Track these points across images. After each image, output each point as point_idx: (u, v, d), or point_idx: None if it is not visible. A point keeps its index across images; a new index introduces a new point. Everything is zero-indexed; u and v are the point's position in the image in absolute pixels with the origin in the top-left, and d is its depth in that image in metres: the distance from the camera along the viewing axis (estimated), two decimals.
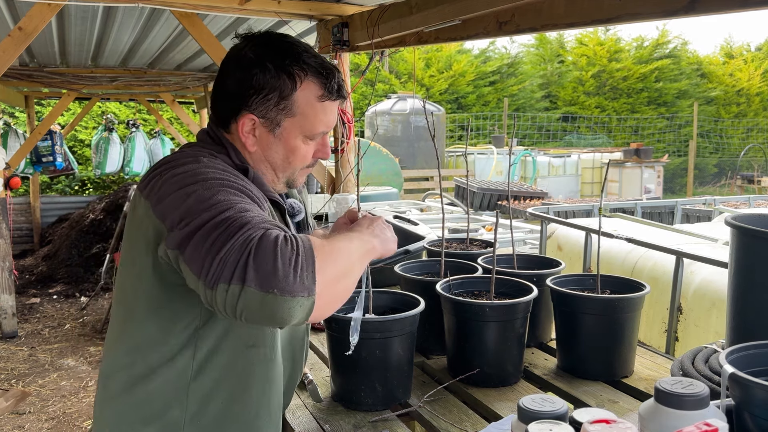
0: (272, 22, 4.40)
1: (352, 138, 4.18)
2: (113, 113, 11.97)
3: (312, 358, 1.96)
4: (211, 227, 1.06)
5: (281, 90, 1.28)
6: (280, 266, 1.00)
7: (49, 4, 3.47)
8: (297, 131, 1.31)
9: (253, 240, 1.02)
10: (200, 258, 1.04)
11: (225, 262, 1.01)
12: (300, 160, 1.35)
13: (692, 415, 1.01)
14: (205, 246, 1.04)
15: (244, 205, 1.12)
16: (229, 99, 1.31)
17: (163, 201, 1.17)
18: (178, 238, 1.09)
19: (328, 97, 1.31)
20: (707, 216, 6.13)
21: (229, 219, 1.07)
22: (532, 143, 17.56)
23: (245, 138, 1.31)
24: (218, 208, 1.09)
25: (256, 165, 1.34)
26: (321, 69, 1.31)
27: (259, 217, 1.10)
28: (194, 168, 1.19)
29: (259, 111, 1.29)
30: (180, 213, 1.12)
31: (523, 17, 2.59)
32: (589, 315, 1.72)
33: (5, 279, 5.68)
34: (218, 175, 1.18)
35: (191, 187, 1.15)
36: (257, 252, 1.01)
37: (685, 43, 20.67)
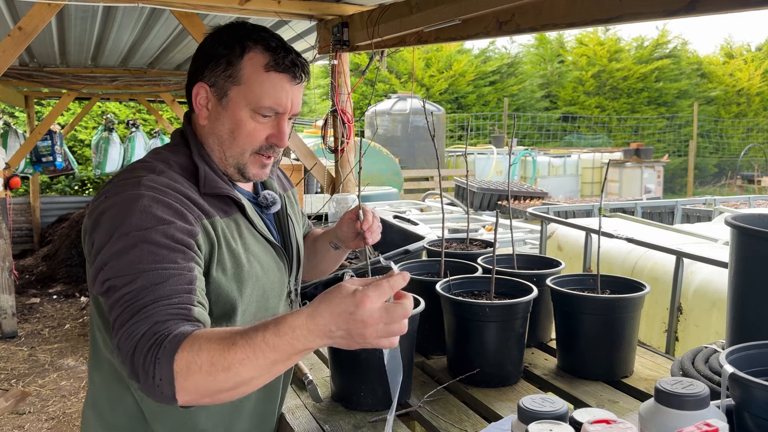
0: (272, 22, 4.40)
1: (352, 138, 4.18)
2: (113, 113, 11.97)
3: (312, 358, 1.96)
4: (117, 299, 1.11)
5: (229, 57, 1.29)
6: (141, 373, 1.04)
7: (49, 4, 3.47)
8: (242, 101, 1.30)
9: (135, 337, 1.06)
10: (111, 325, 1.12)
11: (119, 346, 1.08)
12: (246, 137, 1.32)
13: (692, 415, 1.01)
14: (113, 316, 1.11)
15: (155, 272, 1.12)
16: (190, 75, 1.35)
17: (95, 239, 1.20)
18: (98, 290, 1.16)
19: (275, 68, 1.29)
20: (707, 216, 6.13)
21: (130, 299, 1.10)
22: (532, 143, 17.56)
23: (199, 110, 1.33)
24: (127, 277, 1.12)
25: (205, 140, 1.35)
26: (273, 44, 1.31)
27: (161, 295, 1.10)
28: (129, 204, 1.19)
29: (209, 78, 1.31)
30: (100, 263, 1.15)
31: (523, 17, 2.59)
32: (589, 315, 1.72)
33: (5, 279, 5.68)
34: (145, 221, 1.16)
35: (116, 234, 1.16)
36: (134, 353, 1.05)
37: (685, 43, 20.69)
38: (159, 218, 1.18)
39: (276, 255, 1.43)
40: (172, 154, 1.33)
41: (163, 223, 1.17)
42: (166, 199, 1.21)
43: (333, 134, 4.22)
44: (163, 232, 1.17)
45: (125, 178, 1.25)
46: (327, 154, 4.37)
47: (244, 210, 1.36)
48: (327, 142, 4.20)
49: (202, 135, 1.36)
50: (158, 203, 1.20)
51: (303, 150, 4.44)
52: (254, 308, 1.36)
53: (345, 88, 4.13)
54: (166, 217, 1.19)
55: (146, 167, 1.27)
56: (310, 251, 1.71)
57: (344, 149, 4.19)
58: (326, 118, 4.20)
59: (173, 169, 1.29)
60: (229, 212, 1.33)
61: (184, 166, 1.31)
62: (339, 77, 4.07)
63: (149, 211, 1.18)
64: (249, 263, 1.33)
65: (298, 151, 4.43)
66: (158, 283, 1.12)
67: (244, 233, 1.35)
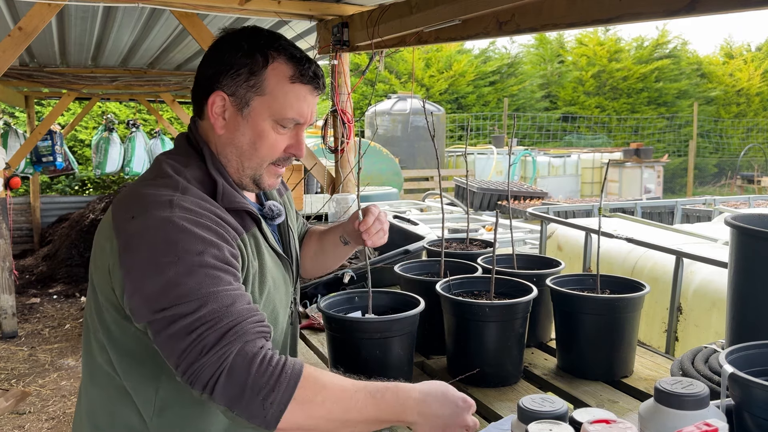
0: (272, 22, 4.40)
1: (352, 138, 4.18)
2: (113, 113, 11.97)
3: (312, 358, 1.96)
4: (188, 326, 1.08)
5: (251, 66, 1.26)
6: (247, 392, 1.04)
7: (49, 4, 3.47)
8: (266, 113, 1.27)
9: (228, 357, 1.06)
10: (175, 356, 1.09)
11: (198, 374, 1.06)
12: (267, 149, 1.29)
13: (692, 415, 1.01)
14: (180, 346, 1.08)
15: (222, 294, 1.11)
16: (203, 81, 1.30)
17: (132, 264, 1.14)
18: (149, 319, 1.11)
19: (300, 79, 1.27)
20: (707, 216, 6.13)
21: (206, 322, 1.08)
22: (532, 143, 17.56)
23: (215, 119, 1.28)
24: (194, 302, 1.09)
25: (222, 151, 1.30)
26: (296, 53, 1.29)
27: (239, 314, 1.10)
28: (167, 227, 1.14)
29: (228, 87, 1.26)
30: (151, 290, 1.11)
31: (523, 17, 2.59)
32: (589, 315, 1.72)
33: (5, 279, 5.68)
34: (193, 245, 1.13)
35: (164, 260, 1.11)
36: (230, 373, 1.05)
37: (685, 43, 20.69)
38: (206, 240, 1.15)
39: (283, 267, 1.41)
40: (187, 168, 1.27)
41: (211, 246, 1.15)
42: (204, 221, 1.18)
43: (333, 134, 4.22)
44: (214, 255, 1.14)
45: (153, 199, 1.19)
46: (327, 154, 4.37)
47: (260, 224, 1.33)
48: (327, 142, 4.20)
49: (217, 144, 1.31)
50: (198, 226, 1.16)
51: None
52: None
53: (345, 88, 4.13)
54: (212, 239, 1.16)
55: (169, 184, 1.22)
56: (316, 248, 1.70)
57: (344, 149, 4.19)
58: (326, 118, 4.20)
59: (192, 184, 1.24)
60: (247, 227, 1.30)
61: (200, 179, 1.27)
62: (339, 77, 4.07)
63: (194, 233, 1.14)
64: (262, 282, 1.31)
65: None
66: (230, 305, 1.11)
67: (261, 248, 1.33)
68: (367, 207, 1.56)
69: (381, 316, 1.60)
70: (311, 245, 1.71)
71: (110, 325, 1.24)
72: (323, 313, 1.61)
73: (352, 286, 2.34)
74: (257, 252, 1.31)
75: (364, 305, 1.68)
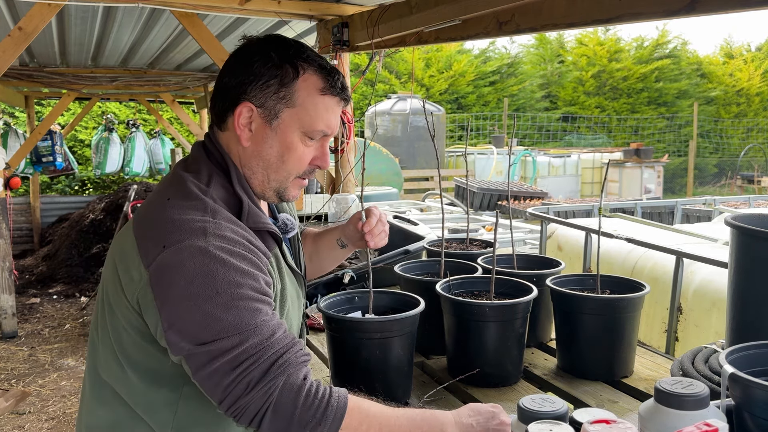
0: (272, 22, 4.40)
1: (352, 138, 4.18)
2: (113, 113, 11.97)
3: (312, 358, 1.96)
4: (231, 361, 1.07)
5: (282, 77, 1.23)
6: (294, 426, 1.06)
7: (49, 4, 3.47)
8: (296, 125, 1.24)
9: (275, 391, 1.07)
10: (219, 391, 1.08)
11: (245, 409, 1.07)
12: (295, 162, 1.27)
13: (692, 415, 1.01)
14: (224, 382, 1.07)
15: (263, 326, 1.10)
16: (228, 91, 1.25)
17: (168, 297, 1.11)
18: (188, 353, 1.09)
19: (331, 91, 1.25)
20: (707, 216, 6.13)
21: (250, 356, 1.07)
22: (532, 143, 17.56)
23: (240, 131, 1.24)
24: (236, 337, 1.08)
25: (247, 163, 1.27)
26: (325, 65, 1.27)
27: (281, 345, 1.10)
28: (204, 259, 1.11)
29: (257, 99, 1.23)
30: (190, 325, 1.09)
31: (523, 17, 2.59)
32: (589, 315, 1.72)
33: (5, 279, 5.68)
34: (231, 276, 1.11)
35: (203, 294, 1.09)
36: (276, 407, 1.06)
37: (685, 43, 20.68)
38: (243, 271, 1.13)
39: (298, 283, 1.40)
40: (210, 186, 1.22)
41: (248, 277, 1.13)
42: (238, 250, 1.15)
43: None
44: (251, 286, 1.13)
45: (183, 223, 1.15)
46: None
47: (281, 244, 1.31)
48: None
49: (241, 156, 1.27)
50: (234, 256, 1.13)
51: None
52: None
53: None
54: (248, 269, 1.14)
55: (198, 207, 1.18)
56: (311, 250, 1.69)
57: (344, 149, 4.19)
58: None
59: (219, 205, 1.20)
60: (270, 247, 1.27)
61: (225, 199, 1.23)
62: None
63: (231, 264, 1.12)
64: (282, 303, 1.30)
65: None
66: (270, 336, 1.10)
67: (282, 268, 1.31)
68: (368, 208, 1.57)
69: (381, 316, 1.60)
70: (306, 247, 1.70)
71: (128, 347, 1.21)
72: (323, 313, 1.61)
73: (352, 286, 2.34)
74: (279, 272, 1.29)
75: (364, 305, 1.68)
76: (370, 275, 1.64)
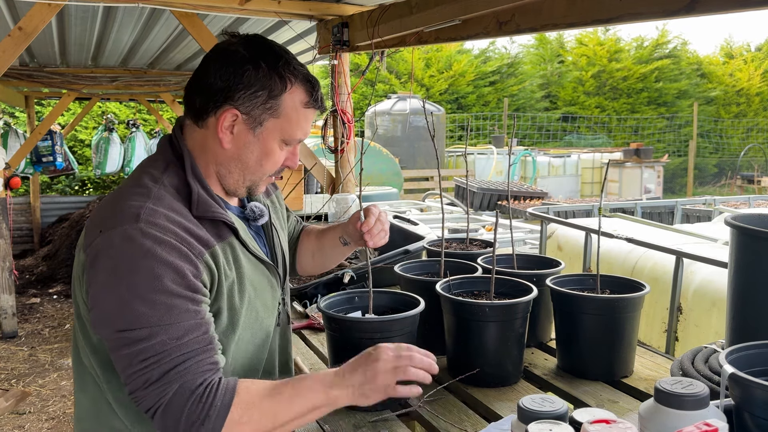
0: (272, 22, 4.40)
1: (352, 138, 4.18)
2: (113, 113, 11.97)
3: (312, 358, 1.96)
4: (136, 354, 1.13)
5: (271, 89, 1.27)
6: (182, 425, 1.12)
7: (49, 4, 3.47)
8: (277, 134, 1.30)
9: (168, 394, 1.13)
10: (124, 376, 1.16)
11: (140, 401, 1.15)
12: (272, 165, 1.34)
13: (692, 415, 1.01)
14: (128, 371, 1.15)
15: (174, 325, 1.14)
16: (214, 92, 1.28)
17: (95, 279, 1.18)
18: (104, 335, 1.18)
19: (313, 105, 1.33)
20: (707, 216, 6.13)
21: (153, 355, 1.13)
22: (532, 143, 17.56)
23: (222, 134, 1.28)
24: (145, 330, 1.13)
25: (224, 163, 1.31)
26: (309, 77, 1.33)
27: (188, 349, 1.15)
28: (130, 246, 1.15)
29: (244, 107, 1.27)
30: (108, 309, 1.16)
31: (523, 17, 2.59)
32: (589, 315, 1.72)
33: (5, 279, 5.68)
34: (154, 267, 1.14)
35: (123, 281, 1.14)
36: (167, 408, 1.13)
37: (685, 43, 20.68)
38: (166, 263, 1.15)
39: (268, 272, 1.41)
40: (165, 174, 1.28)
41: (171, 269, 1.15)
42: (168, 239, 1.17)
43: (333, 134, 4.22)
44: (173, 279, 1.15)
45: (121, 209, 1.20)
46: (327, 154, 4.37)
47: (238, 233, 1.33)
48: (327, 142, 4.20)
49: (219, 157, 1.32)
50: (162, 245, 1.16)
51: (303, 150, 4.44)
52: (249, 334, 1.35)
53: (345, 88, 4.13)
54: (172, 260, 1.16)
55: (141, 193, 1.23)
56: (315, 247, 1.71)
57: (344, 149, 4.19)
58: (326, 119, 4.20)
59: (168, 191, 1.25)
60: (223, 236, 1.30)
61: (176, 186, 1.27)
62: (339, 77, 4.07)
63: (155, 255, 1.15)
64: (241, 291, 1.32)
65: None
66: (180, 337, 1.14)
67: (239, 257, 1.33)
68: (367, 207, 1.57)
69: (381, 316, 1.60)
70: (309, 244, 1.71)
71: (90, 332, 1.26)
72: (323, 313, 1.61)
73: (352, 286, 2.34)
74: (234, 261, 1.31)
75: (364, 305, 1.69)
76: (370, 275, 1.64)
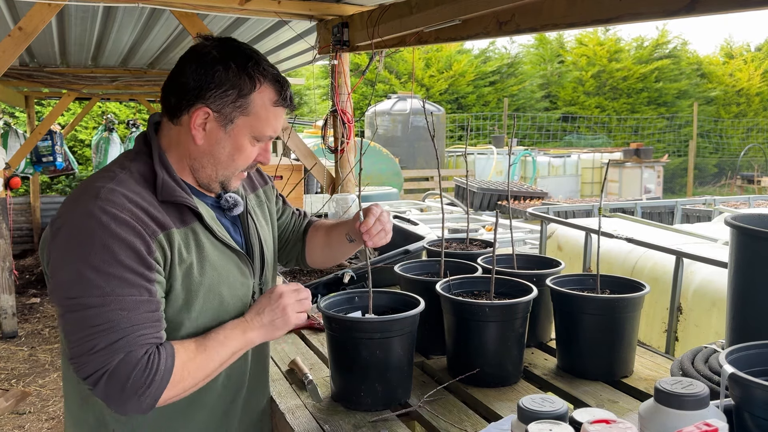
0: (272, 22, 4.40)
1: (352, 138, 4.18)
2: (113, 113, 11.97)
3: (312, 358, 1.96)
4: (85, 320, 1.20)
5: (241, 88, 1.34)
6: (126, 392, 1.19)
7: (49, 4, 3.47)
8: (247, 130, 1.37)
9: (112, 363, 1.19)
10: (68, 341, 1.23)
11: (82, 366, 1.20)
12: (243, 160, 1.40)
13: (692, 415, 1.01)
14: (74, 336, 1.21)
15: (126, 299, 1.21)
16: (187, 92, 1.35)
17: (55, 250, 1.26)
18: (57, 302, 1.25)
19: (282, 103, 1.39)
20: (707, 216, 6.14)
21: (102, 324, 1.20)
22: (532, 143, 17.56)
23: (195, 131, 1.35)
24: (96, 299, 1.20)
25: (197, 158, 1.38)
26: (278, 78, 1.39)
27: (135, 323, 1.21)
28: (87, 221, 1.23)
29: (215, 105, 1.34)
30: (63, 278, 1.23)
31: (523, 17, 2.59)
32: (589, 315, 1.72)
33: (5, 279, 5.68)
34: (107, 241, 1.22)
35: (78, 253, 1.22)
36: (112, 374, 1.19)
37: (685, 43, 20.68)
38: (121, 238, 1.22)
39: (239, 260, 1.45)
40: (134, 162, 1.36)
41: (125, 244, 1.22)
42: (124, 216, 1.24)
43: (333, 134, 4.22)
44: (127, 255, 1.22)
45: (84, 189, 1.29)
46: (327, 154, 4.37)
47: (202, 218, 1.38)
48: (327, 142, 4.20)
49: (192, 152, 1.38)
50: (116, 221, 1.23)
51: (303, 150, 4.44)
52: (208, 318, 1.38)
53: (345, 88, 4.13)
54: (126, 237, 1.23)
55: (107, 177, 1.31)
56: (324, 242, 1.75)
57: (344, 149, 4.19)
58: (326, 119, 4.20)
59: (133, 177, 1.32)
60: (186, 221, 1.35)
61: (143, 173, 1.34)
62: (339, 77, 4.07)
63: (110, 229, 1.22)
64: (201, 275, 1.36)
65: (298, 151, 4.43)
66: (129, 311, 1.21)
67: (202, 242, 1.37)
68: (368, 207, 1.57)
69: (381, 316, 1.60)
70: (319, 239, 1.76)
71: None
72: (323, 313, 1.61)
73: (352, 286, 2.34)
74: (196, 246, 1.36)
75: (364, 305, 1.69)
76: (370, 275, 1.64)
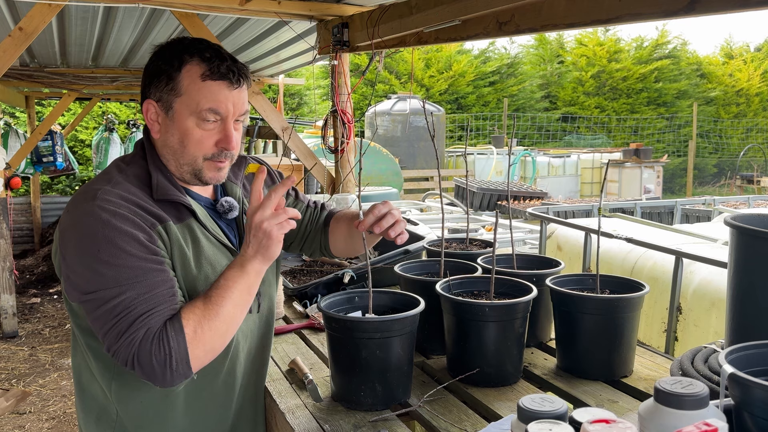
0: (272, 23, 4.41)
1: (352, 138, 4.18)
2: (114, 113, 11.98)
3: (312, 358, 1.96)
4: (110, 311, 1.26)
5: (169, 73, 1.38)
6: (160, 371, 1.24)
7: (49, 4, 3.47)
8: (186, 112, 1.37)
9: (136, 342, 1.24)
10: (101, 335, 1.28)
11: (117, 355, 1.26)
12: (195, 145, 1.39)
13: (692, 415, 1.01)
14: (104, 329, 1.27)
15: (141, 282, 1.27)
16: (141, 93, 1.44)
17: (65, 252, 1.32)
18: (79, 300, 1.30)
19: (211, 76, 1.36)
20: (707, 216, 6.14)
21: (124, 309, 1.26)
22: (532, 143, 17.57)
23: (151, 125, 1.42)
24: (114, 290, 1.26)
25: (161, 151, 1.43)
26: (210, 54, 1.38)
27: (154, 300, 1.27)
28: (89, 220, 1.29)
29: (155, 95, 1.39)
30: (78, 277, 1.29)
31: (523, 17, 2.59)
32: (589, 315, 1.72)
33: (5, 279, 5.68)
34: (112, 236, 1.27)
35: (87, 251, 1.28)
36: (139, 361, 1.24)
37: (684, 44, 20.67)
38: (123, 231, 1.28)
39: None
40: (130, 165, 1.42)
41: (128, 235, 1.28)
42: (122, 212, 1.30)
43: (333, 134, 4.22)
44: (131, 245, 1.28)
45: (83, 193, 1.35)
46: (327, 154, 4.37)
47: (197, 215, 1.43)
48: (327, 142, 4.21)
49: (157, 147, 1.44)
50: (116, 216, 1.29)
51: (303, 150, 4.44)
52: None
53: (345, 88, 4.13)
54: (128, 229, 1.29)
55: (105, 179, 1.37)
56: (346, 233, 1.78)
57: (344, 149, 4.20)
58: (326, 119, 4.20)
59: (129, 180, 1.38)
60: (182, 218, 1.41)
61: (138, 175, 1.40)
62: (339, 78, 4.07)
63: (112, 224, 1.28)
64: (198, 268, 1.42)
65: (298, 151, 4.44)
66: (146, 292, 1.27)
67: (199, 238, 1.43)
68: (373, 205, 1.58)
69: (381, 316, 1.61)
70: (342, 230, 1.79)
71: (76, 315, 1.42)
72: (323, 313, 1.61)
73: (352, 286, 2.35)
74: (192, 241, 1.42)
75: (364, 305, 1.69)
76: (370, 275, 1.64)
